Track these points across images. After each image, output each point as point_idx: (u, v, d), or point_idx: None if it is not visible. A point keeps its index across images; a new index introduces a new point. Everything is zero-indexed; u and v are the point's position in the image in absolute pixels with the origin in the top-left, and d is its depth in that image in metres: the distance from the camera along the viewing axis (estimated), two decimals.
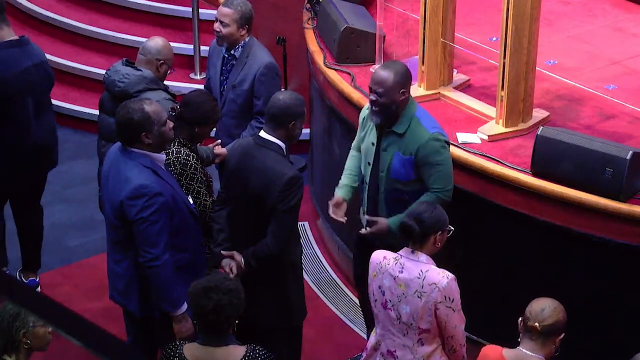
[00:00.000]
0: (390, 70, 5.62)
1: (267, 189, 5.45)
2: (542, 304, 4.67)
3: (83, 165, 8.59)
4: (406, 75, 5.67)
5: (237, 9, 6.61)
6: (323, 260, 7.61)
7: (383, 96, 5.58)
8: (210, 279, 4.63)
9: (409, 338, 5.02)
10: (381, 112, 5.63)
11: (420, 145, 5.61)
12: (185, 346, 4.65)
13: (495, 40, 6.70)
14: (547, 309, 4.65)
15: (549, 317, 4.63)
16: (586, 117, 6.57)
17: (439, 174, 5.64)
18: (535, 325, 4.62)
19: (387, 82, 5.58)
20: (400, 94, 5.60)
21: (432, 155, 5.62)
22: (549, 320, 4.63)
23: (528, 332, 4.67)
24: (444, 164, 5.66)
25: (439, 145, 5.64)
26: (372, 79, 5.70)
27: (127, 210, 5.27)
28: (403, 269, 4.98)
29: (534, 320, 4.63)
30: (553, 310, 4.65)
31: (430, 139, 5.62)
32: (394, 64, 5.82)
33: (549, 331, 4.64)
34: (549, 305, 4.66)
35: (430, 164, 5.62)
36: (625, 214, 5.73)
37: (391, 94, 5.58)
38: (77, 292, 7.20)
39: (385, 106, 5.60)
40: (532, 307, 4.68)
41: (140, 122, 5.26)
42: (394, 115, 5.64)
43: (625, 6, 7.88)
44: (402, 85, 5.61)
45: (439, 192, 5.63)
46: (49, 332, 4.74)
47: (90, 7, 9.97)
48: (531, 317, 4.65)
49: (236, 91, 6.67)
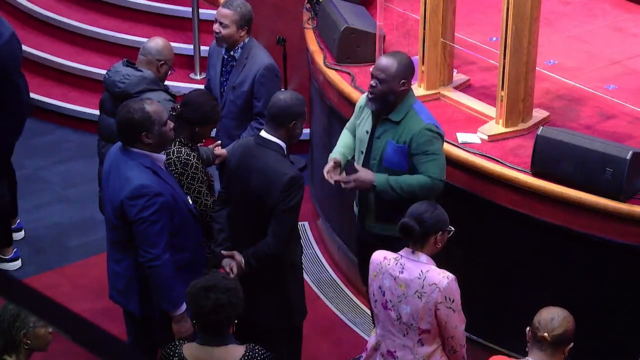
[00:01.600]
0: (395, 59, 5.64)
1: (268, 189, 5.45)
2: (552, 313, 4.58)
3: (83, 165, 8.58)
4: (409, 67, 5.69)
5: (237, 10, 6.60)
6: (323, 260, 7.60)
7: (383, 83, 5.59)
8: (209, 278, 4.63)
9: (409, 338, 5.02)
10: (379, 99, 5.64)
11: (414, 133, 5.59)
12: (184, 346, 4.65)
13: (495, 40, 6.70)
14: (557, 319, 4.55)
15: (558, 326, 4.53)
16: (586, 117, 6.57)
17: (433, 162, 5.60)
18: (545, 335, 4.52)
19: (389, 70, 5.59)
20: (400, 84, 5.61)
21: (425, 144, 5.59)
22: (559, 330, 4.53)
23: (537, 342, 4.56)
24: (437, 154, 5.63)
25: (433, 135, 5.62)
26: (375, 65, 5.73)
27: (127, 210, 5.28)
28: (403, 269, 4.97)
29: (543, 330, 4.53)
30: (563, 320, 4.55)
31: (425, 129, 5.61)
32: (399, 54, 5.82)
33: (558, 341, 4.54)
34: (558, 315, 4.57)
35: (424, 153, 5.59)
36: (625, 214, 5.73)
37: (391, 82, 5.59)
38: (77, 292, 7.20)
39: (384, 94, 5.61)
40: (541, 317, 4.57)
41: (141, 122, 5.27)
42: (392, 105, 5.65)
43: (625, 6, 7.88)
44: (403, 76, 5.62)
45: (434, 177, 5.60)
46: (49, 333, 4.74)
47: (90, 7, 9.97)
48: (540, 327, 4.54)
49: (236, 92, 6.67)
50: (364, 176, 5.64)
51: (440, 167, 5.63)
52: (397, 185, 5.58)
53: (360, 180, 5.63)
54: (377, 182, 5.60)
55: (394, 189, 5.58)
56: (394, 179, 5.60)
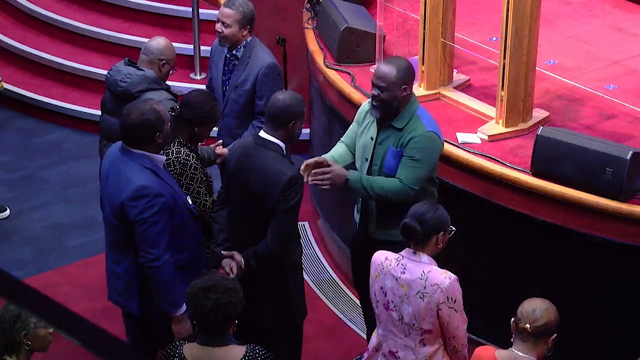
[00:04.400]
0: (393, 66, 5.61)
1: (267, 189, 5.44)
2: (533, 304, 4.60)
3: (83, 165, 8.59)
4: (409, 71, 5.66)
5: (239, 10, 6.61)
6: (323, 260, 7.61)
7: (385, 91, 5.57)
8: (209, 278, 4.63)
9: (411, 339, 5.02)
10: (382, 107, 5.61)
11: (413, 136, 5.58)
12: (184, 346, 4.64)
13: (495, 40, 6.70)
14: (538, 310, 4.57)
15: (540, 317, 4.56)
16: (586, 117, 6.57)
17: (413, 169, 5.53)
18: (527, 326, 4.55)
19: (389, 78, 5.57)
20: (402, 89, 5.59)
21: (417, 150, 5.53)
22: (541, 321, 4.56)
23: (519, 334, 4.60)
24: (421, 164, 5.54)
25: (430, 145, 5.58)
26: (374, 73, 5.69)
27: (128, 211, 5.27)
28: (405, 270, 4.97)
29: (525, 322, 4.56)
30: (544, 311, 4.57)
31: (425, 135, 5.58)
32: (397, 59, 5.81)
33: (540, 332, 4.57)
34: (540, 306, 4.59)
35: (410, 157, 5.54)
36: (625, 214, 5.73)
37: (393, 89, 5.57)
38: (77, 292, 7.20)
39: (387, 102, 5.59)
40: (524, 308, 4.61)
41: (156, 123, 5.26)
42: (395, 111, 5.63)
43: (625, 6, 7.89)
44: (404, 81, 5.59)
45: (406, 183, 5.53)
46: (49, 333, 4.74)
47: (90, 7, 9.97)
48: (522, 318, 4.58)
49: (238, 91, 6.67)
50: (338, 171, 5.59)
51: (416, 176, 5.54)
52: (368, 184, 5.56)
53: (335, 173, 5.57)
54: (350, 177, 5.57)
55: (364, 187, 5.55)
56: (366, 178, 5.58)
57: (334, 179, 5.59)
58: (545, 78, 6.78)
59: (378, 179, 5.59)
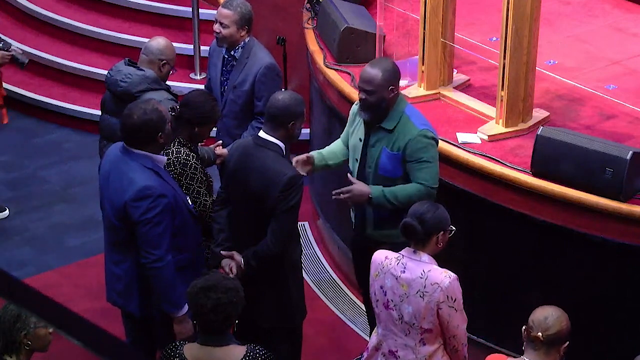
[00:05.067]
0: (379, 68, 5.61)
1: (267, 189, 5.44)
2: (545, 312, 4.55)
3: (83, 165, 8.59)
4: (394, 72, 5.66)
5: (237, 10, 6.60)
6: (323, 260, 7.61)
7: (372, 94, 5.57)
8: (209, 278, 4.63)
9: (411, 338, 5.02)
10: (370, 109, 5.62)
11: (409, 139, 5.58)
12: (185, 346, 4.65)
13: (495, 40, 6.70)
14: (550, 318, 4.53)
15: (552, 326, 4.51)
16: (586, 117, 6.57)
17: (427, 169, 5.58)
18: (539, 335, 4.50)
19: (375, 80, 5.57)
20: (389, 91, 5.59)
21: (420, 151, 5.57)
22: (552, 330, 4.51)
23: (531, 342, 4.55)
24: (431, 162, 5.61)
25: (428, 142, 5.60)
26: (360, 77, 5.68)
27: (131, 211, 5.26)
28: (405, 269, 4.97)
29: (537, 330, 4.52)
30: (556, 319, 4.53)
31: (420, 135, 5.59)
32: (382, 61, 5.82)
33: (552, 340, 4.52)
34: (552, 314, 4.54)
35: (418, 160, 5.58)
36: (625, 214, 5.73)
37: (380, 91, 5.57)
38: (77, 292, 7.20)
39: (375, 104, 5.60)
40: (535, 316, 4.55)
41: (158, 122, 5.26)
42: (384, 112, 5.64)
43: (625, 6, 7.89)
44: (390, 83, 5.59)
45: (427, 185, 5.59)
46: (49, 333, 4.74)
47: (90, 7, 9.97)
48: (534, 326, 4.53)
49: (237, 92, 6.67)
50: (360, 189, 5.62)
51: (433, 174, 5.61)
52: (392, 195, 5.57)
53: (356, 195, 5.61)
54: (374, 194, 5.59)
55: (389, 200, 5.57)
56: (389, 190, 5.58)
57: (356, 198, 5.63)
58: (545, 78, 6.78)
59: (399, 187, 5.58)
